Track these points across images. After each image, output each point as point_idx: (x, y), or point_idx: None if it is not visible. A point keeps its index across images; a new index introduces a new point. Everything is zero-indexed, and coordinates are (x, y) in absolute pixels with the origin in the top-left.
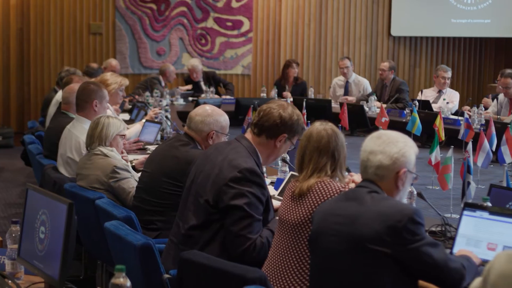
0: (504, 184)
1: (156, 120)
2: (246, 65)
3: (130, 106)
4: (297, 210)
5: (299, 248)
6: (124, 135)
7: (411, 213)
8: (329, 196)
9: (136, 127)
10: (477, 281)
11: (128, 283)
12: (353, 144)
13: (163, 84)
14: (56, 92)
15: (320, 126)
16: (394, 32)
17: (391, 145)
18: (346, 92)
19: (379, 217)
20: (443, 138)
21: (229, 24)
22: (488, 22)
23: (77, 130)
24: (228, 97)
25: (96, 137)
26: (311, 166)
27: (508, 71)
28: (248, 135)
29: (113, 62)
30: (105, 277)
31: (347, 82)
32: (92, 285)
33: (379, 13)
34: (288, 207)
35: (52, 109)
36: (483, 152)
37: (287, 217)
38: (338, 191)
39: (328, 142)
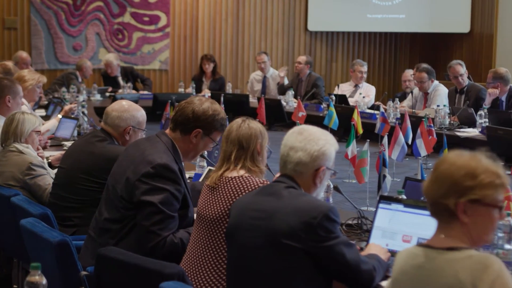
0: (419, 177)
1: (72, 115)
2: (164, 60)
3: (46, 102)
4: (214, 205)
5: (217, 243)
6: (40, 131)
7: (326, 210)
8: (246, 191)
9: (52, 123)
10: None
11: (44, 281)
12: (271, 139)
13: (79, 79)
14: None
15: (239, 120)
16: (311, 27)
17: (312, 142)
18: (264, 87)
19: (295, 213)
20: (360, 132)
21: (146, 19)
22: (403, 17)
23: None
24: (145, 92)
25: (11, 134)
26: (221, 155)
27: (423, 65)
28: (168, 130)
29: (23, 54)
30: (21, 275)
31: (264, 77)
32: (8, 284)
33: (296, 8)
34: (205, 202)
35: None
36: (398, 146)
37: (204, 212)
38: (255, 186)
39: (236, 131)
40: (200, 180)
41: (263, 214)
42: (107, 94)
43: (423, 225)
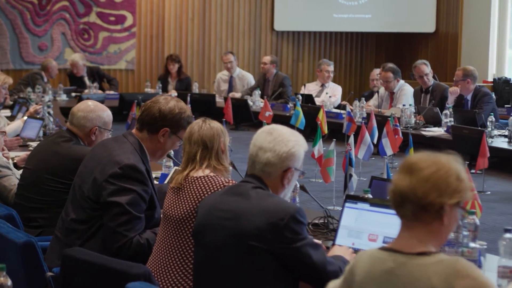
0: (385, 176)
1: (38, 116)
2: (130, 60)
3: (11, 102)
4: (180, 205)
5: (183, 243)
6: (5, 132)
7: (293, 212)
8: (212, 190)
9: (17, 123)
10: (335, 282)
11: (9, 282)
12: (238, 139)
13: (45, 79)
14: None
15: (200, 120)
16: (277, 27)
17: (282, 143)
18: (230, 87)
19: (262, 214)
20: (326, 132)
21: (112, 18)
22: (369, 17)
23: None
24: (112, 92)
25: None
26: (185, 157)
27: (389, 65)
28: (135, 131)
29: None
30: None
31: (231, 77)
32: None
33: (262, 8)
34: (171, 202)
35: None
36: (364, 145)
37: (171, 212)
38: (221, 186)
39: (198, 131)
40: (166, 181)
41: (230, 214)
42: (73, 94)
43: (389, 224)
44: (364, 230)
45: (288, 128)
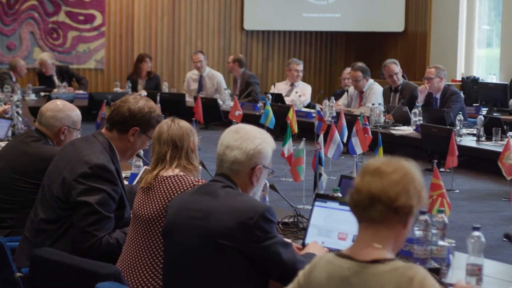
0: (355, 175)
1: (6, 116)
2: (99, 60)
3: None
4: (150, 204)
5: (153, 242)
6: None
7: (263, 211)
8: (182, 190)
9: None
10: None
11: None
12: (208, 138)
13: (14, 79)
14: None
15: (169, 120)
16: (247, 26)
17: (248, 141)
18: (200, 86)
19: (231, 213)
20: (296, 131)
21: (81, 18)
22: (338, 16)
23: None
24: (81, 92)
25: None
26: (154, 157)
27: (358, 64)
28: (105, 130)
29: None
30: None
31: (201, 76)
32: None
33: (232, 7)
34: (141, 202)
35: None
36: (334, 144)
37: (140, 212)
38: (191, 185)
39: (167, 131)
40: (136, 181)
41: (199, 213)
42: (42, 93)
43: None
44: (334, 229)
45: (255, 127)
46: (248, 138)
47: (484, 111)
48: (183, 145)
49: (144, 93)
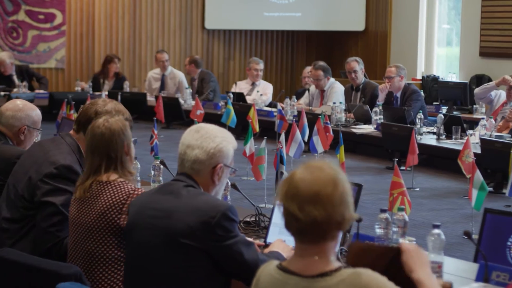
0: None
1: None
2: (60, 59)
3: None
4: (87, 212)
5: (105, 244)
6: None
7: (224, 210)
8: (120, 195)
9: None
10: None
11: None
12: (169, 137)
13: None
14: None
15: (101, 122)
16: (208, 25)
17: (209, 140)
18: (162, 85)
19: (193, 212)
20: (257, 130)
21: (41, 17)
22: (299, 15)
23: None
24: (41, 91)
25: None
26: (88, 167)
27: (319, 63)
28: (72, 132)
29: None
30: None
31: (163, 75)
32: None
33: (193, 6)
34: (77, 208)
35: None
36: (295, 143)
37: (79, 219)
38: (128, 193)
39: (100, 141)
40: None
41: (161, 213)
42: (2, 93)
43: None
44: None
45: (216, 126)
46: (208, 137)
47: (444, 109)
48: (117, 155)
49: (105, 93)
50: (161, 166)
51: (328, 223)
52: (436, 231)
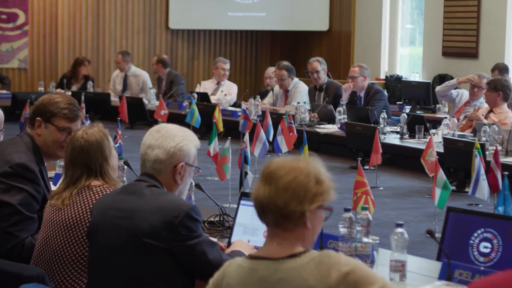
0: None
1: None
2: (23, 59)
3: None
4: (64, 213)
5: (75, 241)
6: None
7: (187, 209)
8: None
9: None
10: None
11: None
12: (133, 138)
13: None
14: None
15: (80, 134)
16: (172, 25)
17: (169, 139)
18: (125, 85)
19: (157, 212)
20: (222, 130)
21: (3, 17)
22: (263, 15)
23: None
24: (4, 91)
25: None
26: (67, 178)
27: (283, 63)
28: (28, 129)
29: None
30: None
31: (126, 76)
32: None
33: (157, 6)
34: (52, 212)
35: None
36: (260, 143)
37: (55, 217)
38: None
39: (80, 153)
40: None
41: (124, 213)
42: None
43: None
44: (260, 227)
45: (177, 126)
46: (168, 137)
47: (407, 109)
48: (97, 166)
49: (68, 93)
50: (125, 167)
51: (268, 205)
52: (400, 230)
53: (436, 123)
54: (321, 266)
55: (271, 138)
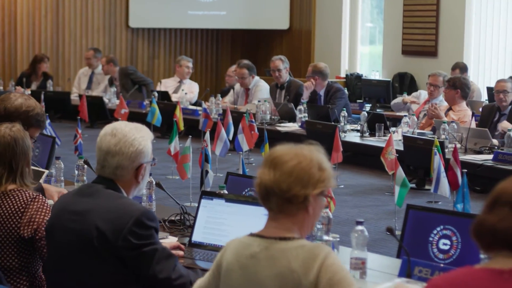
0: (241, 172)
1: None
2: None
3: None
4: None
5: (4, 253)
6: None
7: (138, 215)
8: (17, 206)
9: None
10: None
11: None
12: (94, 137)
13: None
14: None
15: (5, 130)
16: (132, 23)
17: (128, 144)
18: (90, 83)
19: (108, 217)
20: (182, 128)
21: None
22: (224, 14)
23: None
24: None
25: None
26: None
27: (244, 61)
28: None
29: None
30: None
31: (92, 73)
32: None
33: (117, 5)
34: None
35: None
36: (221, 141)
37: None
38: (26, 201)
39: (6, 149)
40: None
41: (78, 216)
42: None
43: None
44: (221, 224)
45: (130, 125)
46: (127, 141)
47: (367, 107)
48: (18, 166)
49: (28, 91)
50: (85, 166)
51: (272, 188)
52: (360, 227)
53: (396, 121)
54: (308, 255)
55: (231, 137)
